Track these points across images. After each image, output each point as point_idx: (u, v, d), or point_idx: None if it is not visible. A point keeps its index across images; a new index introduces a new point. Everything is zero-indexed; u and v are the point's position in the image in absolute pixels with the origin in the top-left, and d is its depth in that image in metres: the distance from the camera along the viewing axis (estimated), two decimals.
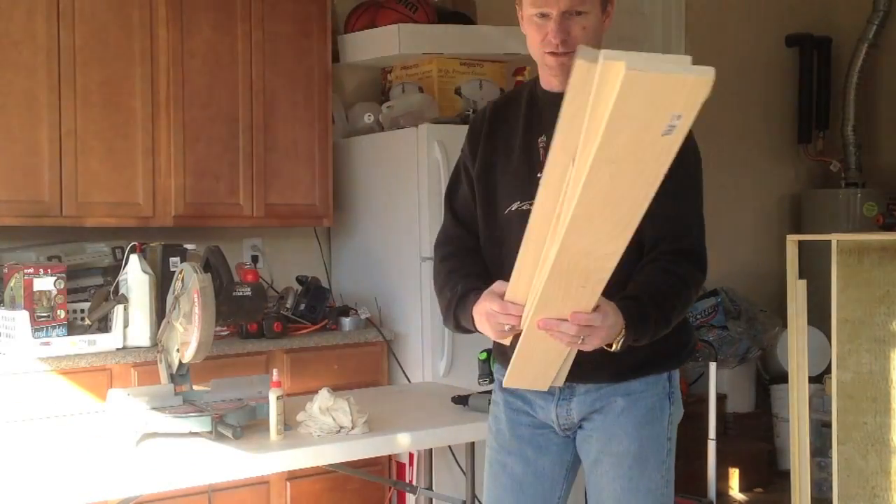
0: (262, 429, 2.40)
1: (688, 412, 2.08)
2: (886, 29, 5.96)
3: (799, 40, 6.04)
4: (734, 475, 4.80)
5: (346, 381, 3.65)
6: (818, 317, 3.52)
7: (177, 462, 2.20)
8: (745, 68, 5.77)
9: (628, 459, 1.94)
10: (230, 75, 3.80)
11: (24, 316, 3.07)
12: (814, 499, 3.14)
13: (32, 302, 3.11)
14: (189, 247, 3.30)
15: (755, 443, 5.05)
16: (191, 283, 2.38)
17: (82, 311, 3.33)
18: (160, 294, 3.16)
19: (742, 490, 4.80)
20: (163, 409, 2.40)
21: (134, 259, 3.24)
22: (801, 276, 3.05)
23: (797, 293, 3.03)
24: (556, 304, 1.63)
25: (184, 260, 3.19)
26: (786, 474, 3.52)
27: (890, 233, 4.09)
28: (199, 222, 3.76)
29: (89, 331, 3.26)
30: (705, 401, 3.90)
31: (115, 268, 3.40)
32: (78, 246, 3.60)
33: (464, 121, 3.80)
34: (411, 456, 3.65)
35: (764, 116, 5.93)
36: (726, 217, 5.48)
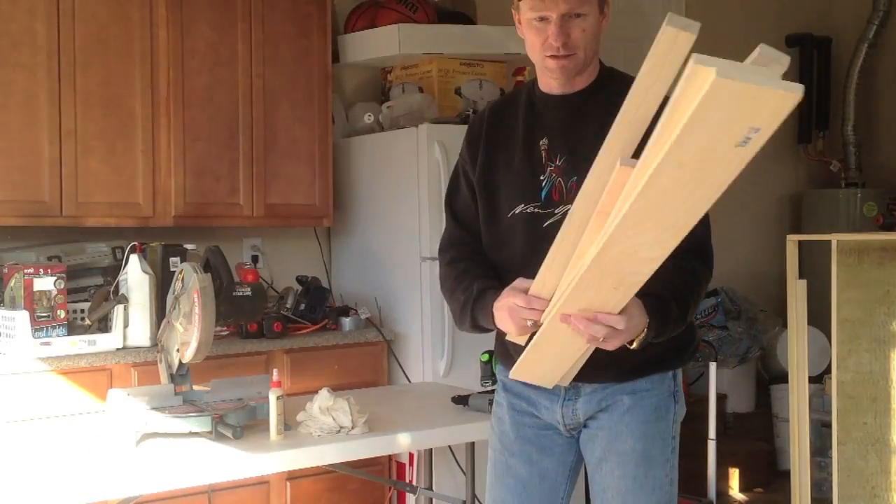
0: (262, 429, 2.40)
1: (688, 412, 2.08)
2: (886, 29, 5.95)
3: (799, 40, 6.04)
4: (734, 475, 4.80)
5: (346, 381, 3.65)
6: (818, 317, 3.53)
7: (177, 462, 2.20)
8: None
9: (634, 458, 1.95)
10: (230, 75, 3.80)
11: (24, 316, 3.07)
12: (814, 499, 3.14)
13: (32, 302, 3.11)
14: (189, 247, 3.31)
15: (755, 443, 5.05)
16: (191, 283, 2.38)
17: (82, 311, 3.33)
18: (160, 294, 3.16)
19: (742, 490, 4.79)
20: (163, 409, 2.40)
21: (134, 259, 3.24)
22: (801, 276, 3.05)
23: (797, 293, 3.03)
24: (584, 302, 1.63)
25: (184, 260, 3.19)
26: (786, 474, 3.52)
27: (890, 233, 4.09)
28: (199, 222, 3.76)
29: (89, 331, 3.26)
30: (705, 401, 3.89)
31: (115, 268, 3.40)
32: (78, 246, 3.60)
33: (464, 121, 3.80)
34: (411, 456, 3.65)
35: None
36: (726, 217, 5.46)
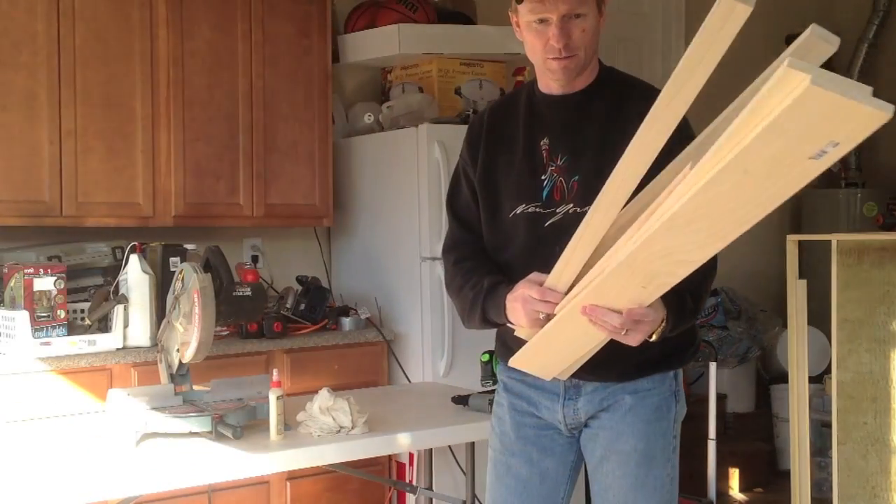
0: (262, 429, 2.40)
1: (688, 412, 2.08)
2: (886, 29, 5.95)
3: None
4: (734, 475, 4.80)
5: (346, 381, 3.65)
6: (818, 317, 3.53)
7: (177, 462, 2.20)
8: (744, 68, 5.76)
9: (635, 457, 1.95)
10: (230, 75, 3.80)
11: (24, 316, 3.07)
12: (814, 499, 3.14)
13: (32, 302, 3.11)
14: (189, 247, 3.31)
15: (755, 443, 5.05)
16: (191, 283, 2.38)
17: (82, 311, 3.33)
18: (160, 294, 3.16)
19: (742, 490, 4.80)
20: (163, 409, 2.40)
21: (134, 259, 3.24)
22: (801, 276, 3.05)
23: (797, 293, 3.03)
24: (608, 297, 1.62)
25: (184, 260, 3.19)
26: (786, 474, 3.52)
27: (890, 233, 4.09)
28: (199, 222, 3.76)
29: (89, 331, 3.26)
30: (705, 401, 3.89)
31: (115, 268, 3.40)
32: (78, 246, 3.60)
33: (464, 121, 3.80)
34: (411, 456, 3.65)
35: None
36: None
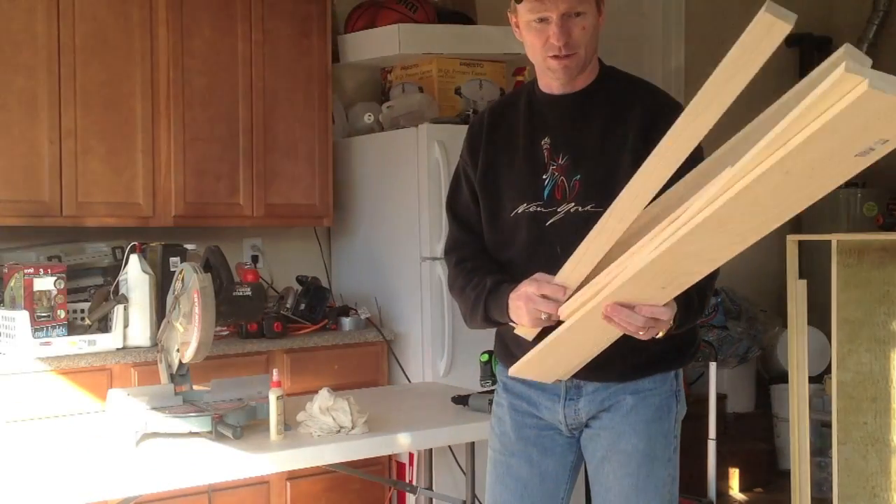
0: (262, 429, 2.40)
1: (688, 412, 2.08)
2: (886, 29, 5.95)
3: (799, 40, 6.04)
4: (734, 475, 4.80)
5: (346, 381, 3.65)
6: (818, 317, 3.52)
7: (177, 462, 2.20)
8: None
9: (637, 457, 1.95)
10: (230, 75, 3.80)
11: (24, 316, 3.07)
12: (814, 499, 3.14)
13: (32, 302, 3.11)
14: (189, 247, 3.31)
15: (755, 443, 5.05)
16: (191, 283, 2.38)
17: (82, 311, 3.33)
18: (160, 294, 3.16)
19: (742, 490, 4.79)
20: (163, 409, 2.40)
21: (134, 259, 3.24)
22: (801, 276, 3.05)
23: (797, 293, 3.03)
24: (626, 298, 1.62)
25: (184, 260, 3.19)
26: (786, 474, 3.52)
27: (890, 233, 4.09)
28: (199, 222, 3.76)
29: (89, 331, 3.26)
30: (705, 401, 3.89)
31: (115, 268, 3.40)
32: (78, 246, 3.60)
33: (464, 121, 3.80)
34: (411, 456, 3.65)
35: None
36: None
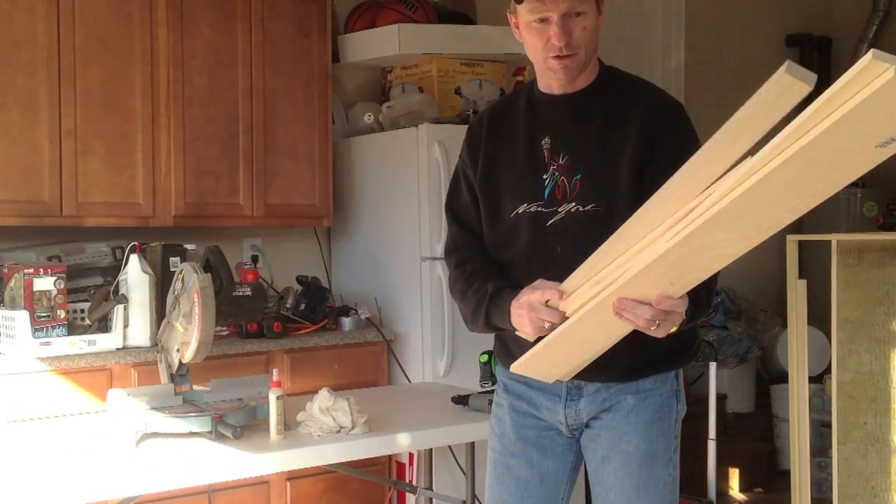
0: (262, 429, 2.40)
1: (688, 412, 2.08)
2: (886, 29, 5.95)
3: (799, 40, 6.04)
4: (734, 475, 4.80)
5: (346, 381, 3.65)
6: (818, 317, 3.52)
7: (177, 462, 2.20)
8: (745, 68, 5.77)
9: (638, 457, 1.95)
10: (230, 75, 3.80)
11: (24, 316, 3.07)
12: (814, 499, 3.14)
13: (32, 302, 3.11)
14: (189, 247, 3.31)
15: (755, 443, 5.05)
16: (191, 283, 2.38)
17: (82, 311, 3.33)
18: (160, 294, 3.16)
19: (742, 490, 4.80)
20: (163, 409, 2.40)
21: (134, 259, 3.24)
22: (801, 276, 3.05)
23: (797, 293, 3.03)
24: (634, 294, 1.61)
25: (184, 260, 3.19)
26: (786, 474, 3.52)
27: (890, 233, 4.09)
28: (199, 222, 3.76)
29: (89, 331, 3.26)
30: (705, 401, 3.89)
31: (115, 268, 3.41)
32: (78, 246, 3.60)
33: (464, 121, 3.80)
34: (411, 456, 3.65)
35: None
36: None
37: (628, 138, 1.89)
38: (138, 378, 3.25)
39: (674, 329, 1.72)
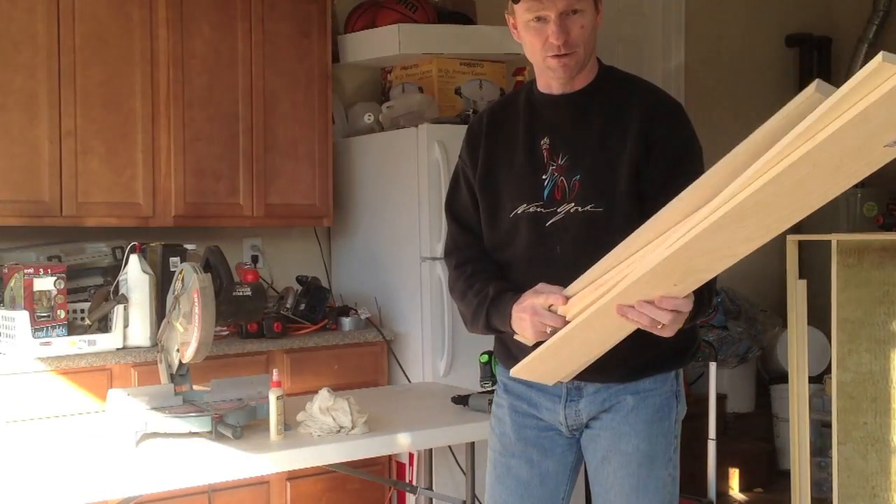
0: (262, 429, 2.40)
1: (688, 412, 2.08)
2: (886, 29, 5.95)
3: (799, 40, 6.04)
4: (734, 475, 4.80)
5: (346, 381, 3.65)
6: (818, 317, 3.52)
7: (177, 462, 2.20)
8: (745, 68, 5.77)
9: (638, 457, 1.95)
10: (230, 75, 3.80)
11: (24, 316, 3.07)
12: (814, 499, 3.14)
13: (32, 302, 3.11)
14: (189, 247, 3.31)
15: (755, 443, 5.05)
16: (191, 283, 2.38)
17: (82, 311, 3.33)
18: (160, 294, 3.16)
19: (742, 490, 4.79)
20: (163, 409, 2.40)
21: (134, 259, 3.24)
22: (801, 276, 3.05)
23: (797, 293, 3.03)
24: (637, 296, 1.60)
25: (184, 260, 3.19)
26: (786, 474, 3.52)
27: (890, 233, 4.09)
28: (199, 222, 3.76)
29: (89, 331, 3.26)
30: (705, 401, 3.89)
31: (115, 268, 3.41)
32: (78, 246, 3.60)
33: (464, 121, 3.80)
34: (411, 456, 3.65)
35: (764, 117, 5.92)
36: None
37: (627, 138, 1.89)
38: (138, 378, 3.25)
39: (679, 327, 1.72)
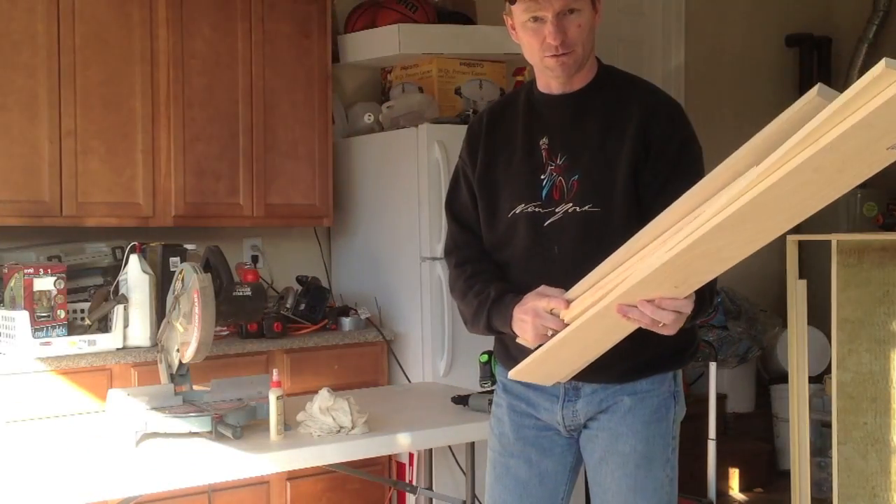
0: (262, 429, 2.40)
1: (688, 412, 2.08)
2: (886, 29, 5.95)
3: (799, 40, 6.04)
4: (734, 475, 4.80)
5: (346, 381, 3.65)
6: (818, 317, 3.52)
7: (177, 462, 2.20)
8: (745, 68, 5.77)
9: (634, 458, 1.95)
10: (230, 75, 3.80)
11: (24, 316, 3.07)
12: (814, 499, 3.14)
13: (32, 302, 3.11)
14: (189, 247, 3.31)
15: (755, 443, 5.05)
16: (191, 283, 2.38)
17: (82, 311, 3.33)
18: (160, 294, 3.16)
19: (742, 490, 4.80)
20: (163, 409, 2.40)
21: (134, 259, 3.24)
22: (801, 276, 3.05)
23: (797, 293, 3.03)
24: (637, 298, 1.60)
25: (184, 260, 3.19)
26: (786, 474, 3.52)
27: (890, 233, 4.09)
28: (199, 222, 3.76)
29: (89, 331, 3.26)
30: (705, 401, 3.89)
31: (115, 268, 3.41)
32: (78, 246, 3.60)
33: (464, 121, 3.80)
34: (411, 456, 3.65)
35: (763, 116, 5.91)
36: None
37: (626, 138, 1.89)
38: (138, 378, 3.25)
39: (680, 326, 1.72)
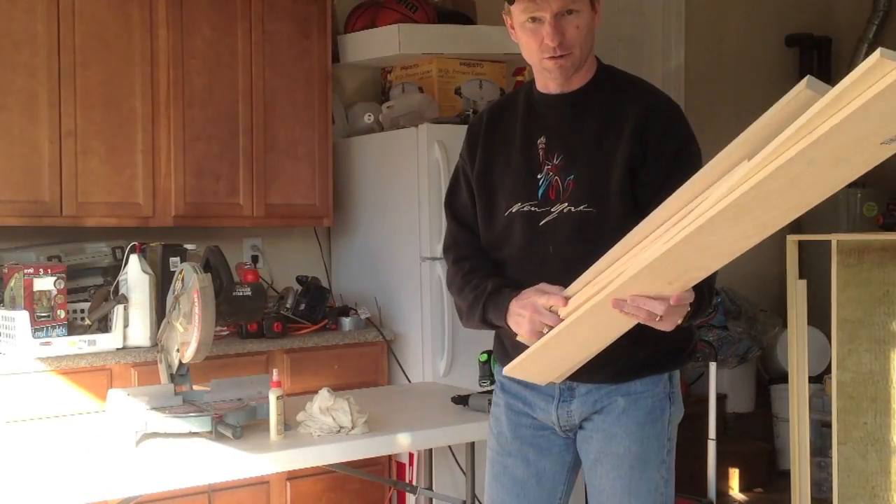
0: (262, 429, 2.40)
1: (688, 412, 2.08)
2: (886, 29, 5.96)
3: (799, 40, 6.04)
4: (734, 475, 4.80)
5: (346, 381, 3.65)
6: (818, 317, 3.52)
7: (177, 462, 2.20)
8: (744, 68, 5.77)
9: (629, 459, 1.94)
10: (230, 75, 3.80)
11: (24, 316, 3.07)
12: (814, 499, 3.14)
13: (32, 302, 3.11)
14: (189, 247, 3.31)
15: (755, 443, 5.05)
16: (191, 283, 2.38)
17: (82, 311, 3.33)
18: (160, 294, 3.16)
19: (742, 490, 4.80)
20: (163, 409, 2.40)
21: (134, 259, 3.24)
22: (801, 277, 3.05)
23: (797, 293, 3.03)
24: (632, 293, 1.60)
25: (184, 260, 3.19)
26: (786, 474, 3.52)
27: (890, 233, 4.09)
28: (199, 222, 3.76)
29: (89, 331, 3.26)
30: (705, 401, 3.89)
31: (115, 268, 3.41)
32: (78, 246, 3.60)
33: (464, 121, 3.80)
34: (411, 456, 3.65)
35: None
36: None
37: (623, 138, 1.89)
38: (138, 378, 3.25)
39: (679, 321, 1.72)
